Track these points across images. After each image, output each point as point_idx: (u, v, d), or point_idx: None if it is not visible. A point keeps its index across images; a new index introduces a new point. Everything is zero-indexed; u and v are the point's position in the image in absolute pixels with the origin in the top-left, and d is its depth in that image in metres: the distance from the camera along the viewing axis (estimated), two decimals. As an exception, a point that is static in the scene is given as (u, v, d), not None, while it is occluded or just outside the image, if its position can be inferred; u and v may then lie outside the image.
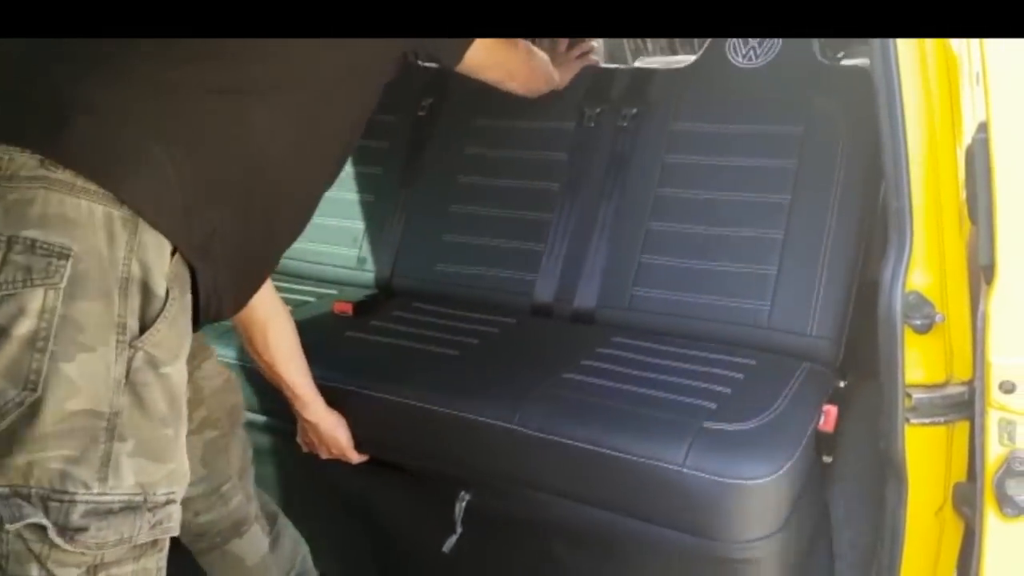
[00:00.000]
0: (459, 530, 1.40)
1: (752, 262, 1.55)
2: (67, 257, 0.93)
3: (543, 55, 1.70)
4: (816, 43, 1.64)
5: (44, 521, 0.91)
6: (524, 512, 1.39)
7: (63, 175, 0.95)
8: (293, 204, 1.22)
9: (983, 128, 0.96)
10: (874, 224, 1.54)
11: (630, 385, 1.39)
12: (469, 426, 1.36)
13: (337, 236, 1.98)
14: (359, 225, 1.99)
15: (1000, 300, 0.96)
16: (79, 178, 0.95)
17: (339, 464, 1.50)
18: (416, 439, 1.46)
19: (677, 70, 1.82)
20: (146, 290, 0.98)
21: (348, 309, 1.76)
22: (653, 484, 1.23)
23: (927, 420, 1.08)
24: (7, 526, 0.92)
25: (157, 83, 1.04)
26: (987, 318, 0.97)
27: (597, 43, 1.95)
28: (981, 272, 1.00)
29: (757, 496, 1.20)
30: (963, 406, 1.06)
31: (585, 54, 1.85)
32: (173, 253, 1.02)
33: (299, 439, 1.52)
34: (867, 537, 1.32)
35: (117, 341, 0.96)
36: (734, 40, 1.69)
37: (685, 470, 1.20)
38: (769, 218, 1.56)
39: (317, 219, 1.28)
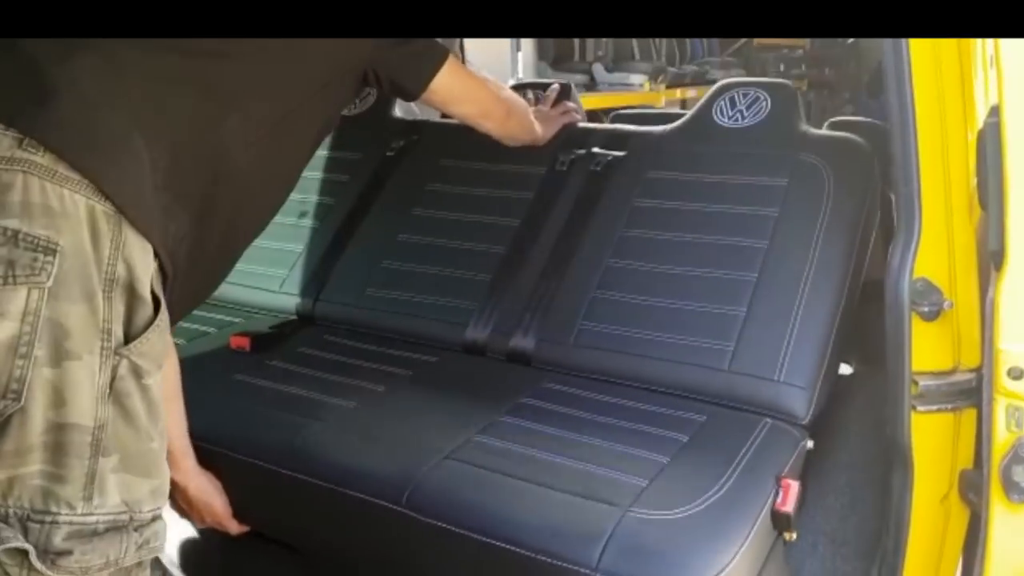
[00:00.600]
0: None
1: (719, 302, 1.42)
2: (54, 253, 0.86)
3: (524, 103, 1.66)
4: (802, 111, 1.63)
5: (25, 545, 0.85)
6: None
7: (43, 159, 0.89)
8: (250, 218, 1.19)
9: (995, 112, 0.95)
10: (858, 278, 1.44)
11: (549, 452, 1.18)
12: (352, 505, 1.15)
13: (269, 258, 1.82)
14: (296, 249, 1.84)
15: (1009, 286, 0.95)
16: (60, 164, 0.89)
17: (219, 535, 1.31)
18: (295, 515, 1.27)
19: (660, 129, 1.72)
20: (132, 293, 0.93)
21: (245, 344, 1.54)
22: None
23: (934, 407, 1.07)
24: None
25: (143, 71, 1.00)
26: (996, 304, 0.96)
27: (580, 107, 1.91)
28: (990, 258, 0.99)
29: None
30: (970, 393, 1.05)
31: (568, 112, 1.82)
32: (156, 255, 0.97)
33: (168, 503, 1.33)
34: (873, 523, 1.32)
35: (102, 348, 0.90)
36: (722, 102, 1.65)
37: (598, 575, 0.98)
38: (743, 261, 1.44)
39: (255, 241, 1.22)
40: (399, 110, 2.05)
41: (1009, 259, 0.95)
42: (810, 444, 1.26)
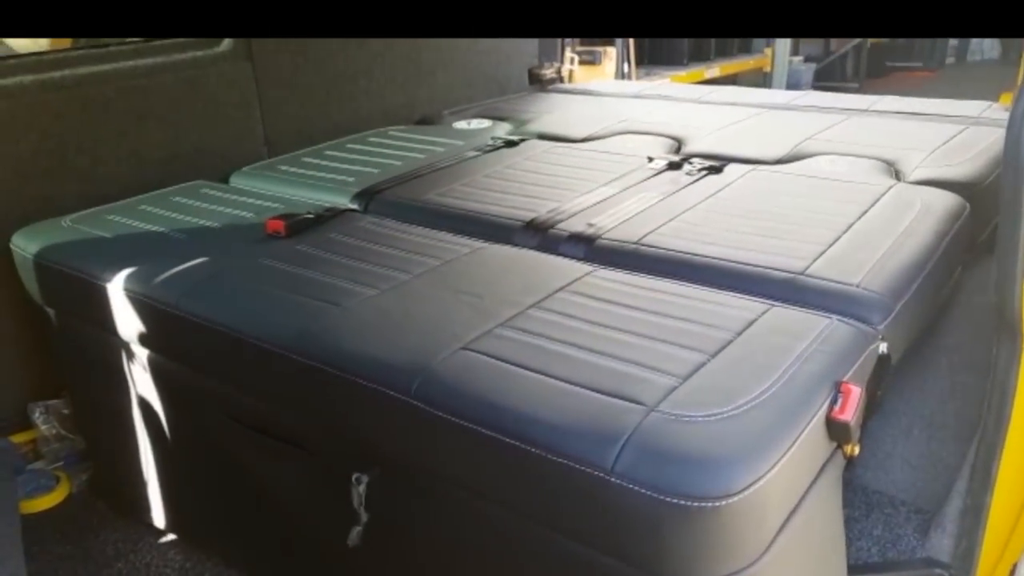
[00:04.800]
0: (364, 518, 1.13)
1: (812, 226, 1.39)
2: None
3: None
4: None
5: None
6: (434, 503, 1.12)
7: None
8: None
9: None
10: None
11: (575, 347, 1.07)
12: (361, 394, 1.09)
13: (336, 169, 1.93)
14: (367, 170, 1.90)
15: None
16: None
17: (226, 435, 1.30)
18: (304, 403, 1.21)
19: None
20: None
21: (281, 228, 1.53)
22: (572, 493, 0.91)
23: (1052, 274, 0.98)
24: None
25: None
26: None
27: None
28: None
29: (713, 523, 0.84)
30: (1095, 259, 0.95)
31: None
32: None
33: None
34: (973, 408, 1.25)
35: None
36: None
37: (613, 479, 0.86)
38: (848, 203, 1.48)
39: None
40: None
41: None
42: (884, 348, 1.08)
